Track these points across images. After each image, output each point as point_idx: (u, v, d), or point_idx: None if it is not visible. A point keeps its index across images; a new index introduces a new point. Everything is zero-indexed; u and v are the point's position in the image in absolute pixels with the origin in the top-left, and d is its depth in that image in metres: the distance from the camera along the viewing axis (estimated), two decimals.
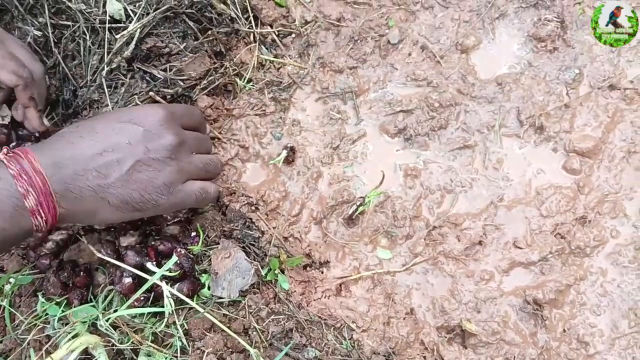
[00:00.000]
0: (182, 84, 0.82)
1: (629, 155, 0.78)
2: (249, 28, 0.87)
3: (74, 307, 0.71)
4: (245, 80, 0.86)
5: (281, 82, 0.86)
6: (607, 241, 0.76)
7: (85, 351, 0.70)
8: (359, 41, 0.87)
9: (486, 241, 0.76)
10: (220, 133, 0.84)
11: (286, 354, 0.71)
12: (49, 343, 0.70)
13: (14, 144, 0.81)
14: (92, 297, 0.73)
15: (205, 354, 0.68)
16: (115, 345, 0.68)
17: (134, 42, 0.79)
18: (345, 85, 0.86)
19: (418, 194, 0.80)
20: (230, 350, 0.70)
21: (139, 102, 0.79)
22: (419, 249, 0.77)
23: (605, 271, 0.75)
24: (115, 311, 0.69)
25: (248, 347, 0.67)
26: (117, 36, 0.78)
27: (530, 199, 0.78)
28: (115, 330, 0.71)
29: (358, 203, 0.77)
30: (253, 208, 0.81)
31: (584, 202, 0.77)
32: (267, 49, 0.89)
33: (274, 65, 0.88)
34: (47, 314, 0.71)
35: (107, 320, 0.67)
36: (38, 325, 0.71)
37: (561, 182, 0.78)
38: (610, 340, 0.72)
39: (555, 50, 0.83)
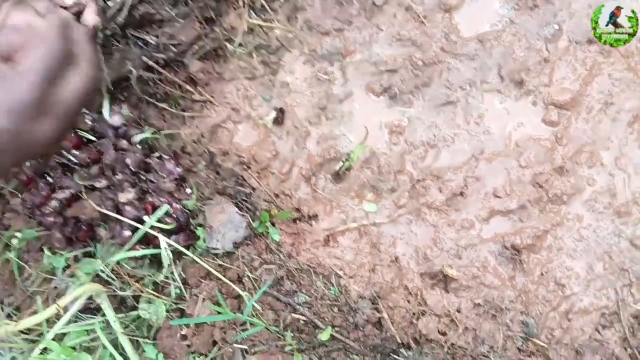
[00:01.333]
0: (174, 49, 0.88)
1: (606, 107, 0.83)
2: None
3: (78, 259, 0.78)
4: (236, 45, 0.92)
5: (270, 46, 0.92)
6: (584, 189, 0.81)
7: (91, 300, 0.77)
8: (345, 4, 0.92)
9: (467, 192, 0.82)
10: (212, 96, 0.90)
11: (278, 299, 0.78)
12: (55, 294, 0.77)
13: None
14: (94, 251, 0.80)
15: (200, 299, 0.75)
16: (117, 293, 0.75)
17: (126, 9, 0.84)
18: (332, 47, 0.91)
19: (402, 149, 0.86)
20: (225, 296, 0.77)
21: (132, 68, 0.85)
22: (403, 201, 0.83)
23: (582, 217, 0.80)
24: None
25: (241, 292, 0.74)
26: (110, 3, 0.84)
27: (509, 151, 0.83)
28: (118, 279, 0.78)
29: (344, 159, 0.83)
30: (245, 167, 0.87)
31: (562, 152, 0.82)
32: (256, 13, 0.94)
33: (263, 30, 0.94)
34: (53, 266, 0.78)
35: (107, 266, 0.74)
36: (45, 278, 0.79)
37: (540, 134, 0.83)
38: (585, 282, 0.78)
39: (535, 7, 0.88)
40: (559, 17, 0.87)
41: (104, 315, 0.76)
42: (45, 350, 0.75)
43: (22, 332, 0.76)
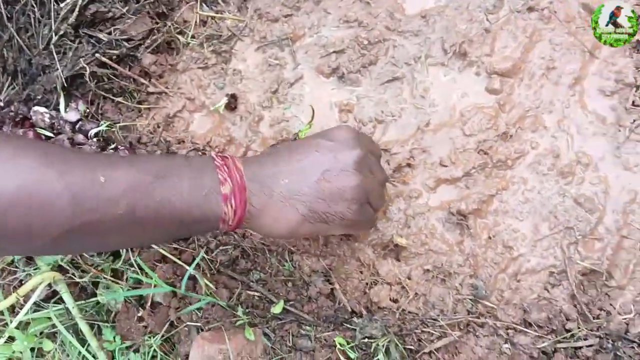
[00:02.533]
0: (126, 44, 0.91)
1: (548, 72, 0.85)
2: None
3: None
4: (188, 37, 0.94)
5: (221, 36, 0.95)
6: (528, 153, 0.82)
7: (52, 289, 0.80)
8: None
9: (414, 163, 0.84)
10: (167, 88, 0.93)
11: (234, 278, 0.80)
12: (18, 284, 0.80)
13: None
14: None
15: (153, 282, 0.77)
16: (75, 280, 0.78)
17: (77, 9, 0.88)
18: (281, 33, 0.93)
19: (352, 126, 0.87)
20: (180, 277, 0.79)
21: (85, 65, 0.88)
22: None
23: (526, 180, 0.82)
24: None
25: (191, 270, 0.76)
26: (62, 5, 0.87)
27: (454, 121, 0.85)
28: (77, 270, 0.80)
29: (293, 139, 0.85)
30: (200, 153, 0.89)
31: (506, 119, 0.84)
32: (207, 6, 0.97)
33: (215, 21, 0.96)
34: (13, 259, 0.80)
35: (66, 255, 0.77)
36: (9, 271, 0.81)
37: (483, 103, 0.85)
38: (532, 243, 0.79)
39: None
40: None
41: (64, 302, 0.78)
42: (10, 339, 0.77)
43: None
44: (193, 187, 0.54)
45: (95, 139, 0.87)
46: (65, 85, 0.88)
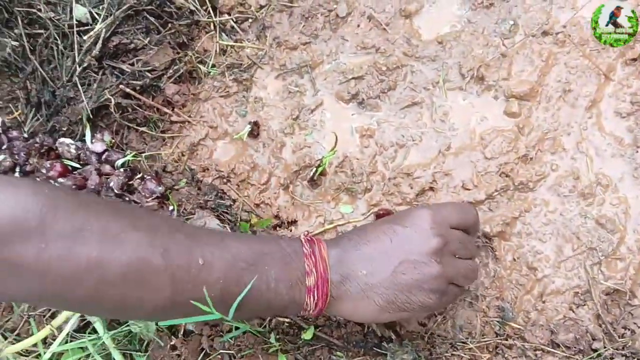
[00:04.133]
0: (149, 75, 0.92)
1: (565, 94, 0.86)
2: (208, 18, 0.96)
3: None
4: (209, 66, 0.95)
5: (241, 64, 0.96)
6: (549, 175, 0.83)
7: (85, 319, 0.80)
8: (309, 18, 0.96)
9: (437, 187, 0.84)
10: (190, 117, 0.94)
11: None
12: (50, 315, 0.80)
13: (5, 146, 0.91)
14: None
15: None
16: None
17: (100, 42, 0.88)
18: (300, 60, 0.94)
19: (373, 151, 0.89)
20: None
21: (110, 96, 0.88)
22: (377, 200, 0.86)
23: (548, 202, 0.82)
24: None
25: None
26: (85, 37, 0.88)
27: (475, 144, 0.86)
28: None
29: (316, 165, 0.86)
30: (225, 180, 0.90)
31: (525, 141, 0.85)
32: (227, 35, 0.98)
33: (235, 50, 0.97)
34: None
35: None
36: None
37: (503, 126, 0.86)
38: (556, 264, 0.80)
39: (491, 5, 0.91)
40: (514, 12, 0.90)
41: (97, 332, 0.78)
42: None
43: (21, 354, 0.79)
44: (281, 278, 0.57)
45: (122, 169, 0.88)
46: (91, 116, 0.89)
